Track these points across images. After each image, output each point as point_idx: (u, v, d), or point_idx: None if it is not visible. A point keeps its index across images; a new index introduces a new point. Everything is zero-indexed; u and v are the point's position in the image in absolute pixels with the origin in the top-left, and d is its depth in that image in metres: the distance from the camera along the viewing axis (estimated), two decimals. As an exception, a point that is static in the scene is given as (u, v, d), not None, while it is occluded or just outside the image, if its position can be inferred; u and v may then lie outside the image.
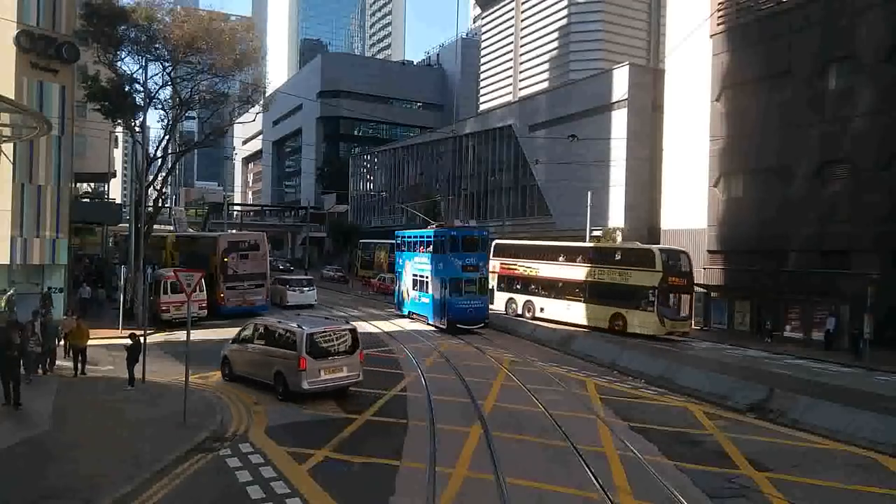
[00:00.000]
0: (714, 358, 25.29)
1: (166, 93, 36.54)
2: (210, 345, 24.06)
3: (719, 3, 34.79)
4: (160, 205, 41.75)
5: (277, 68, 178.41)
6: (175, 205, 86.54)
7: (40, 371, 18.03)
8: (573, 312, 32.00)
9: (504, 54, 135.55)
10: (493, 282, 34.86)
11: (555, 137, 45.84)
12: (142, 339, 17.40)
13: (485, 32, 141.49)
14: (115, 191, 77.68)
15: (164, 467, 11.00)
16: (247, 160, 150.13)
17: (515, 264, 35.93)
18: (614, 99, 43.27)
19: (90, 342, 19.17)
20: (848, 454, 13.12)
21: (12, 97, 22.05)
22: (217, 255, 32.47)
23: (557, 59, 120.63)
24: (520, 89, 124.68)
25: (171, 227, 63.52)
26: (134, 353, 16.84)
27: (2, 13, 24.34)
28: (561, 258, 33.67)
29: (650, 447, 12.92)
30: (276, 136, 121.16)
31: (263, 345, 16.95)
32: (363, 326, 30.81)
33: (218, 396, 16.23)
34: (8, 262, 26.41)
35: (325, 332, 16.27)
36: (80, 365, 18.41)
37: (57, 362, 19.05)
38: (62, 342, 19.04)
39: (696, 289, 34.64)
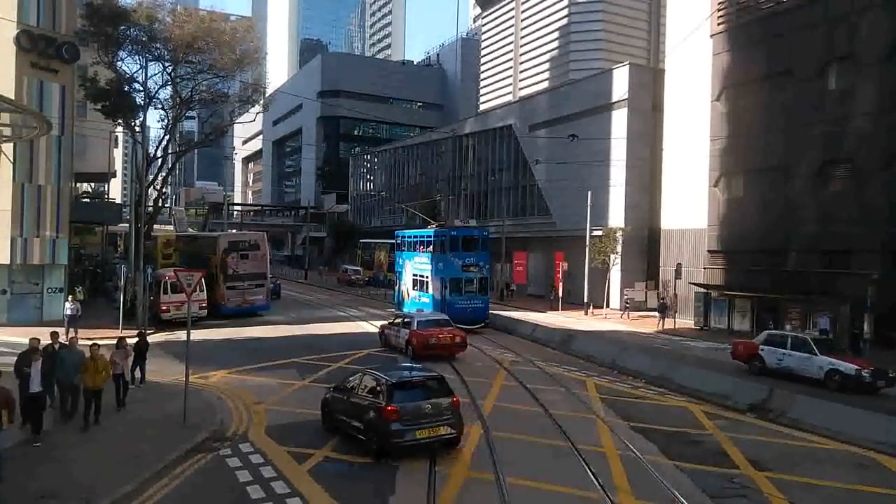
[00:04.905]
0: (714, 358, 25.27)
1: (166, 92, 36.67)
2: (210, 345, 24.11)
3: (719, 3, 34.76)
4: (160, 205, 41.80)
5: (277, 68, 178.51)
6: (175, 205, 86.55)
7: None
8: None
9: (504, 54, 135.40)
10: None
11: (555, 137, 45.82)
12: (148, 339, 17.53)
13: (485, 32, 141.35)
14: (115, 191, 77.60)
15: (164, 467, 11.01)
16: (247, 160, 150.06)
17: None
18: (614, 99, 43.21)
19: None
20: (848, 454, 13.11)
21: (12, 97, 22.07)
22: (217, 255, 32.46)
23: (557, 59, 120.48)
24: (520, 89, 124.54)
25: (171, 227, 63.55)
26: (142, 351, 16.94)
27: (2, 13, 24.36)
28: None
29: (650, 447, 12.92)
30: (276, 136, 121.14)
31: None
32: (363, 326, 30.87)
33: (218, 396, 16.23)
34: (8, 262, 26.43)
35: None
36: (93, 414, 13.21)
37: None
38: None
39: (696, 288, 34.72)
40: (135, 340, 17.10)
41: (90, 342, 14.04)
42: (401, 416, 11.71)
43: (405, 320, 24.04)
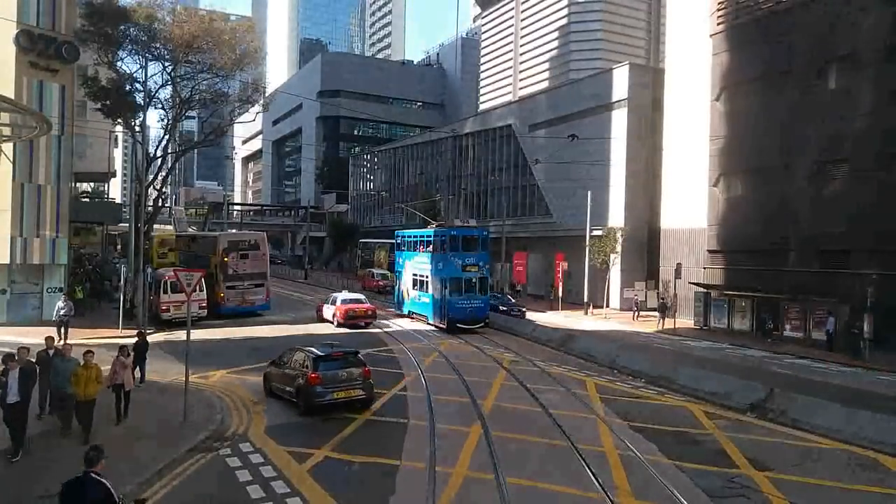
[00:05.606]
0: (714, 358, 25.28)
1: (166, 92, 36.62)
2: (210, 345, 24.10)
3: (719, 3, 34.76)
4: (160, 204, 41.78)
5: (277, 68, 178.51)
6: (175, 205, 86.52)
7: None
8: None
9: (504, 54, 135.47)
10: None
11: (555, 137, 45.80)
12: (147, 339, 17.50)
13: (485, 32, 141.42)
14: (115, 191, 77.72)
15: (164, 467, 11.01)
16: (247, 160, 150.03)
17: None
18: (614, 98, 43.23)
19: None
20: (848, 454, 13.09)
21: (12, 97, 22.07)
22: (217, 255, 32.45)
23: (557, 59, 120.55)
24: (520, 89, 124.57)
25: (172, 227, 63.54)
26: (141, 351, 16.92)
27: (2, 13, 24.34)
28: None
29: (650, 447, 12.91)
30: (276, 136, 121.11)
31: None
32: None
33: (218, 396, 16.23)
34: (8, 262, 26.42)
35: None
36: (89, 423, 12.39)
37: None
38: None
39: (696, 288, 34.71)
40: (134, 340, 17.10)
41: (85, 347, 13.44)
42: (322, 382, 14.52)
43: (332, 299, 30.81)
